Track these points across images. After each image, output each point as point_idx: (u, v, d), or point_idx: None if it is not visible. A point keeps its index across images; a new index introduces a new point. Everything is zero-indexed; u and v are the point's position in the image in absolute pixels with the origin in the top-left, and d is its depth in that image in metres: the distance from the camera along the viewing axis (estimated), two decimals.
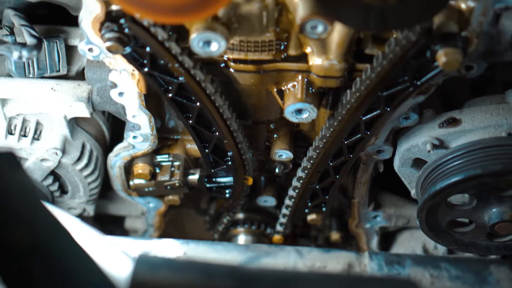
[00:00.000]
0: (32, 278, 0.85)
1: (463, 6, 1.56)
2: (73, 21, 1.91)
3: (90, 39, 1.64)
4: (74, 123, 2.03)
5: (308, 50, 1.71)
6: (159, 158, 2.13)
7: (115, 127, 2.24)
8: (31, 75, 1.90)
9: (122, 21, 1.56)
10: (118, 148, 2.08)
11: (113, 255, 1.07)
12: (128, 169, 2.15)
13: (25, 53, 1.64)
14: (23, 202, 0.95)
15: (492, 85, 2.07)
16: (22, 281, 0.84)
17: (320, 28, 1.52)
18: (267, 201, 2.34)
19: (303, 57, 1.72)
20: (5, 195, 0.96)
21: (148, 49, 1.63)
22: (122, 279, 1.00)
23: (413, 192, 2.12)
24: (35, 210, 0.94)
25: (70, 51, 1.95)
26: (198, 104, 1.78)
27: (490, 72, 2.01)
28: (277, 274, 1.09)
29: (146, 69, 1.68)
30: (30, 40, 1.72)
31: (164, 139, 2.12)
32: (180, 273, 1.05)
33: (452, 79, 1.87)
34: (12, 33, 1.84)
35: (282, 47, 1.71)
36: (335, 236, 2.52)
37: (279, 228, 2.37)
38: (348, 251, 1.93)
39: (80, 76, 1.97)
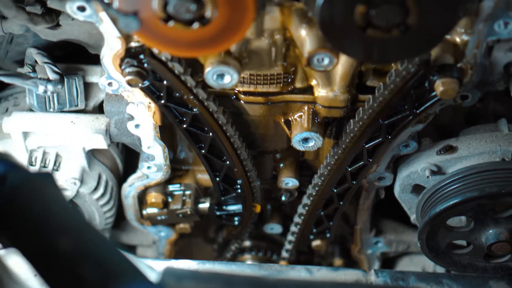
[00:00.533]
0: (80, 278, 0.92)
1: (457, 39, 1.65)
2: (91, 60, 2.01)
3: (110, 74, 1.72)
4: (91, 155, 2.10)
5: (313, 82, 1.79)
6: (171, 187, 2.19)
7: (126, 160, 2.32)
8: (51, 110, 1.97)
9: (141, 56, 1.65)
10: (132, 178, 2.15)
11: (140, 266, 1.13)
12: (141, 199, 2.22)
13: (50, 87, 1.72)
14: (64, 214, 1.03)
15: (484, 116, 2.14)
16: (72, 281, 0.91)
17: (326, 61, 1.60)
18: (274, 228, 2.41)
19: (309, 89, 1.81)
20: (48, 208, 1.04)
21: (165, 82, 1.71)
22: None
23: (413, 217, 2.19)
24: (74, 220, 1.01)
25: (88, 87, 2.03)
26: (210, 134, 1.85)
27: (482, 104, 2.10)
28: (298, 283, 1.15)
29: (162, 101, 1.76)
30: (53, 76, 1.80)
31: (176, 169, 2.19)
32: (205, 283, 1.11)
33: (448, 110, 1.96)
34: (34, 70, 1.92)
35: (289, 80, 1.79)
36: (338, 262, 2.57)
37: (284, 254, 2.43)
38: (355, 269, 1.99)
39: (96, 110, 2.05)
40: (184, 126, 1.84)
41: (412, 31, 1.40)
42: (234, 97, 1.84)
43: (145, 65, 1.66)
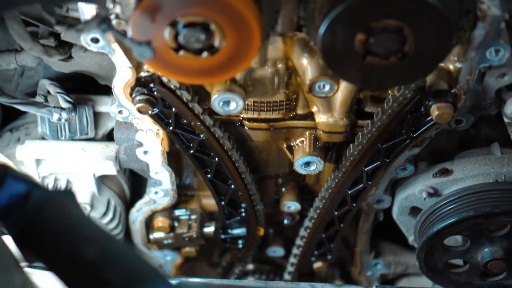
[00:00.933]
0: (107, 282, 0.97)
1: (451, 67, 1.71)
2: (100, 90, 2.07)
3: (121, 102, 1.77)
4: (101, 181, 2.15)
5: (314, 109, 1.85)
6: (177, 212, 2.24)
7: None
8: (63, 138, 2.03)
9: (151, 85, 1.70)
10: (140, 203, 2.19)
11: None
12: (148, 223, 2.26)
13: (64, 114, 1.78)
14: (87, 226, 1.09)
15: (477, 141, 2.20)
16: (100, 286, 0.96)
17: (327, 87, 1.67)
18: (276, 251, 2.45)
19: (310, 115, 1.86)
20: (72, 222, 1.09)
21: (173, 109, 1.77)
22: None
23: (410, 239, 2.24)
24: (98, 231, 1.06)
25: (97, 117, 2.08)
26: (216, 159, 1.90)
27: (475, 130, 2.16)
28: None
29: (171, 128, 1.82)
30: (65, 105, 1.85)
31: (181, 195, 2.23)
32: None
33: (443, 136, 2.02)
34: (46, 100, 1.98)
35: (291, 107, 1.85)
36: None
37: (286, 276, 2.46)
38: (357, 285, 2.04)
39: (105, 139, 2.11)
40: (191, 151, 1.89)
41: (409, 58, 1.45)
42: (239, 123, 1.89)
43: (155, 93, 1.71)
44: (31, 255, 1.08)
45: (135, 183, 2.35)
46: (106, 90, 2.05)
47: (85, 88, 2.10)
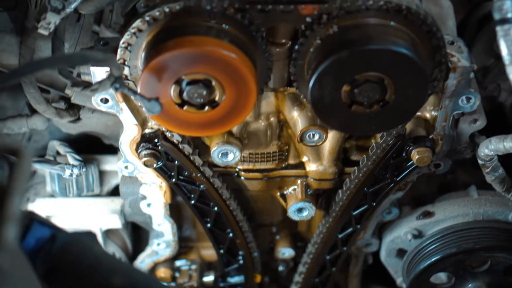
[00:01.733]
0: None
1: (427, 115, 1.83)
2: (105, 150, 2.18)
3: (127, 157, 1.87)
4: (106, 235, 2.23)
5: (305, 158, 1.96)
6: (178, 263, 2.31)
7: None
8: (71, 195, 2.12)
9: (155, 140, 1.81)
10: (143, 255, 2.27)
11: None
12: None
13: (75, 170, 1.87)
14: (111, 260, 1.18)
15: (454, 186, 2.31)
16: None
17: (317, 137, 1.79)
18: None
19: (301, 165, 1.97)
20: (96, 258, 1.18)
21: (176, 162, 1.87)
22: None
23: (399, 280, 2.32)
24: (121, 264, 1.16)
25: (102, 175, 2.18)
26: (215, 208, 2.00)
27: (452, 176, 2.28)
28: None
29: (173, 180, 1.91)
30: (75, 163, 1.95)
31: (182, 246, 2.31)
32: None
33: (423, 181, 2.14)
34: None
35: (284, 157, 1.95)
36: None
37: None
38: None
39: (109, 195, 2.20)
40: (193, 202, 1.98)
41: (389, 106, 1.56)
42: (236, 174, 1.99)
43: (159, 147, 1.81)
44: None
45: (136, 238, 2.43)
46: (108, 150, 2.17)
47: (90, 148, 2.22)
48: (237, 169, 1.98)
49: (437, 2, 1.87)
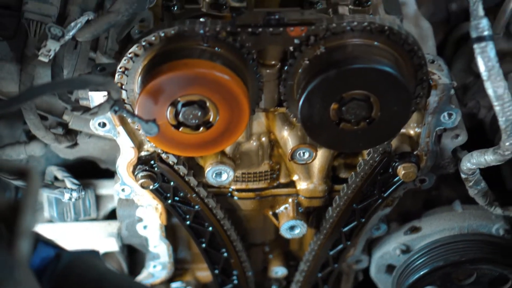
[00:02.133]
0: None
1: (411, 132, 1.88)
2: (100, 174, 2.22)
3: (124, 180, 1.91)
4: (103, 259, 2.25)
5: (295, 177, 2.01)
6: (173, 285, 2.34)
7: None
8: (68, 219, 2.15)
9: (152, 162, 1.85)
10: (139, 279, 2.28)
11: None
12: None
13: (74, 194, 1.91)
14: (115, 276, 1.22)
15: (439, 201, 2.37)
16: None
17: (306, 155, 1.84)
18: None
19: (292, 183, 2.02)
20: (101, 275, 1.22)
21: (172, 183, 1.91)
22: None
23: None
24: (125, 278, 1.19)
25: (98, 199, 2.22)
26: (210, 228, 2.04)
27: (437, 192, 2.34)
28: None
29: (169, 201, 1.95)
30: (73, 187, 1.99)
31: (177, 268, 2.34)
32: None
33: (409, 197, 2.19)
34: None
35: (275, 176, 2.00)
36: None
37: None
38: None
39: (106, 218, 2.24)
40: (188, 223, 2.02)
41: (376, 123, 1.62)
42: (229, 194, 2.04)
43: (155, 169, 1.86)
44: None
45: (131, 261, 2.46)
46: (104, 175, 2.21)
47: (85, 173, 2.26)
48: (230, 189, 2.02)
49: (417, 24, 1.95)
